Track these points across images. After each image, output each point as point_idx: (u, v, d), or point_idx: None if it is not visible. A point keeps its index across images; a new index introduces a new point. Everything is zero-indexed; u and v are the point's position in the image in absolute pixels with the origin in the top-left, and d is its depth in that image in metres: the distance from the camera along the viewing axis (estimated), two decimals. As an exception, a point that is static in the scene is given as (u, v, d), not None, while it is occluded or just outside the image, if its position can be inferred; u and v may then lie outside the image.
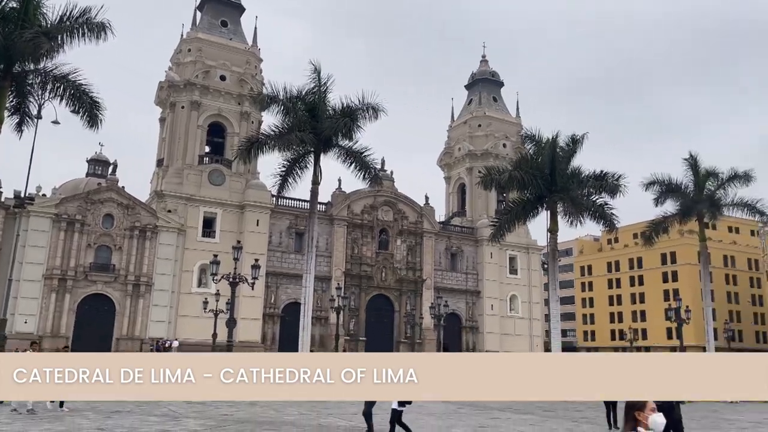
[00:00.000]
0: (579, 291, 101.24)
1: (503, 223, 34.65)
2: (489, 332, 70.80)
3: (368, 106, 28.20)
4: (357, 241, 66.20)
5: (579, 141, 32.31)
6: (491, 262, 72.43)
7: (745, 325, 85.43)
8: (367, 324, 64.68)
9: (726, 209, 39.12)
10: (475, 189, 72.40)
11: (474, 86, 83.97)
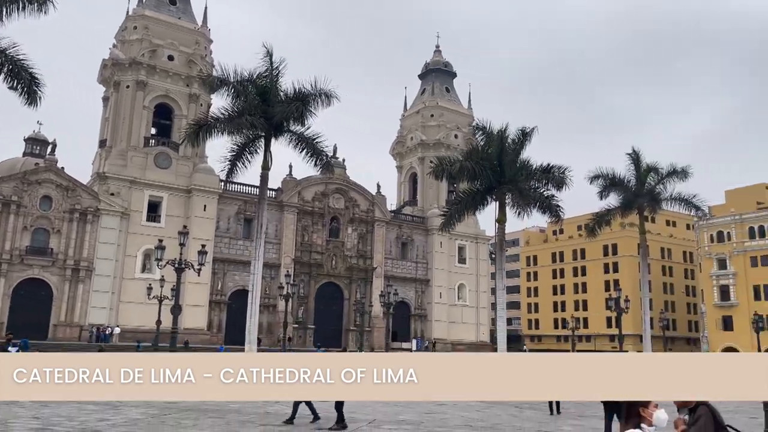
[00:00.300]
0: (524, 280, 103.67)
1: (453, 213, 34.94)
2: (437, 320, 71.77)
3: (321, 92, 27.80)
4: (307, 229, 65.74)
5: (528, 134, 32.79)
6: (441, 252, 73.30)
7: (679, 314, 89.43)
8: (316, 312, 64.49)
9: (665, 203, 40.59)
10: (426, 179, 72.98)
11: (427, 76, 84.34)
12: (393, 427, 14.97)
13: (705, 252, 75.64)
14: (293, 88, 27.73)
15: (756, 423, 15.97)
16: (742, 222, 72.59)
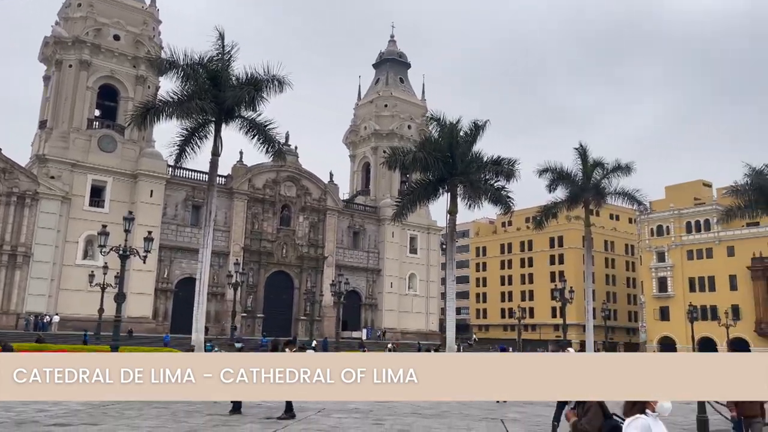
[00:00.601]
0: (474, 271, 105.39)
1: (406, 204, 35.15)
2: (388, 309, 72.21)
3: (274, 78, 27.35)
4: (257, 217, 64.87)
5: (481, 127, 33.22)
6: (393, 242, 73.65)
7: (620, 305, 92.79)
8: (266, 301, 63.86)
9: (609, 197, 41.92)
10: (379, 168, 73.03)
11: (382, 66, 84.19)
12: (343, 416, 15.01)
13: (645, 245, 78.58)
14: (245, 73, 27.22)
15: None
16: (680, 217, 75.71)
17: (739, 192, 41.14)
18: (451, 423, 14.65)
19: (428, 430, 13.61)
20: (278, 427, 13.25)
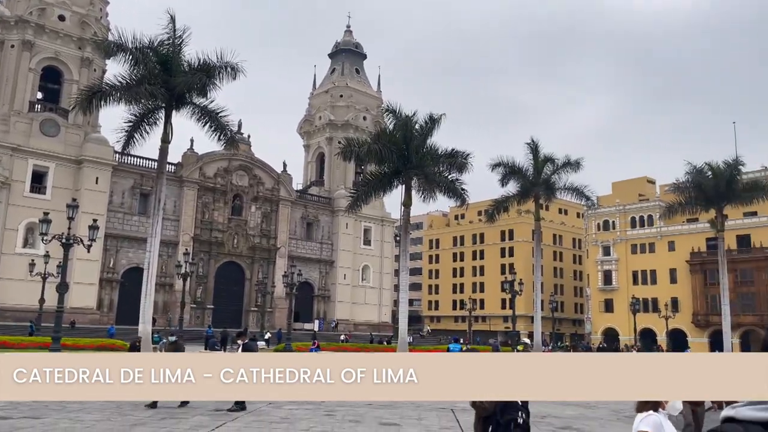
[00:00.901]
0: (427, 263, 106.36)
1: (360, 195, 35.09)
2: (340, 301, 72.13)
3: (227, 65, 26.76)
4: (208, 206, 63.64)
5: (436, 120, 33.37)
6: (346, 233, 73.51)
7: (567, 297, 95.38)
8: (216, 292, 62.83)
9: (559, 192, 42.92)
10: (334, 159, 72.61)
11: (337, 56, 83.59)
12: (294, 407, 14.90)
13: (592, 239, 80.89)
14: (197, 59, 26.53)
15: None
16: (625, 212, 78.20)
17: (680, 189, 42.80)
18: (403, 413, 14.76)
19: (380, 419, 13.67)
20: (228, 419, 13.06)
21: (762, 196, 40.51)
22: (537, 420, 14.31)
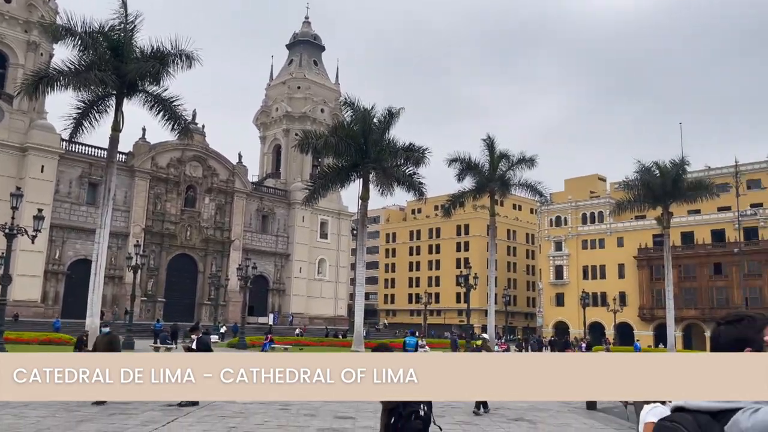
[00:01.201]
0: (383, 257, 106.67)
1: (317, 188, 34.89)
2: (296, 295, 71.63)
3: (182, 53, 26.11)
4: (160, 197, 62.13)
5: (395, 114, 33.41)
6: (303, 226, 72.97)
7: (519, 291, 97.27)
8: (168, 284, 61.47)
9: (513, 188, 43.66)
10: (291, 151, 71.87)
11: (295, 47, 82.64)
12: (248, 401, 14.72)
13: (545, 235, 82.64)
14: (151, 45, 25.81)
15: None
16: (577, 208, 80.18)
17: (629, 187, 44.19)
18: (359, 407, 14.77)
19: (335, 413, 13.64)
20: (180, 414, 12.80)
21: (705, 194, 42.17)
22: (491, 412, 14.55)
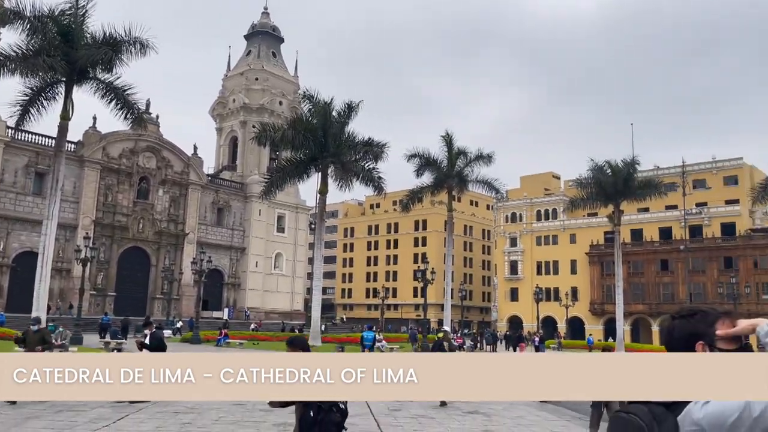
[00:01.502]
0: (341, 251, 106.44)
1: (275, 181, 34.56)
2: (251, 289, 70.80)
3: (136, 40, 25.41)
4: (112, 188, 60.37)
5: (354, 108, 33.37)
6: (259, 220, 72.11)
7: (476, 286, 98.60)
8: (119, 278, 59.86)
9: (471, 185, 44.22)
10: (248, 144, 70.76)
11: (253, 38, 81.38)
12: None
13: (500, 230, 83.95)
14: (103, 31, 25.01)
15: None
16: (532, 205, 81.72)
17: (582, 185, 45.35)
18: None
19: (291, 408, 13.53)
20: (131, 411, 12.49)
21: (654, 193, 43.65)
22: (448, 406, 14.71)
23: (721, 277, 60.77)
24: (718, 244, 64.76)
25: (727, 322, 1.90)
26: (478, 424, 12.72)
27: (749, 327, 1.85)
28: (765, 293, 61.37)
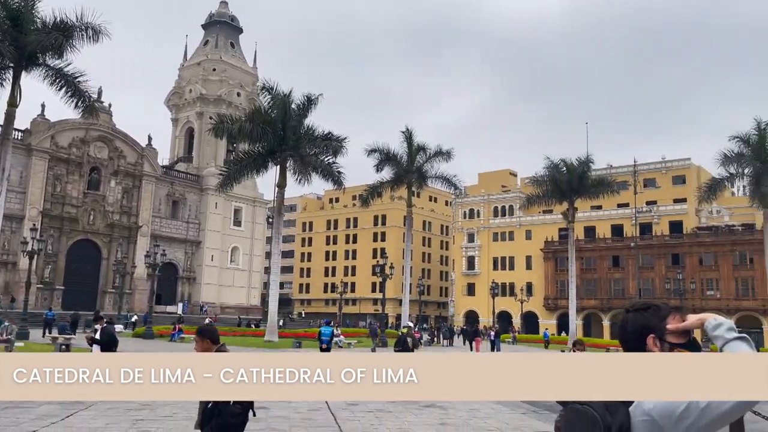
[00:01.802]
0: (299, 246, 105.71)
1: (232, 174, 34.03)
2: (207, 283, 69.66)
3: (88, 26, 24.61)
4: (61, 178, 58.37)
5: (314, 101, 33.10)
6: (215, 213, 70.95)
7: (433, 281, 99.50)
8: (68, 271, 58.00)
9: (430, 181, 44.54)
10: (204, 135, 69.53)
11: (211, 27, 79.79)
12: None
13: (458, 226, 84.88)
14: (54, 16, 24.12)
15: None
16: (489, 202, 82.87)
17: (538, 182, 46.22)
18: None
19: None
20: (80, 408, 12.14)
21: (607, 191, 44.84)
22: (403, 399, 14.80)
23: (669, 273, 62.97)
24: (667, 242, 67.03)
25: (678, 317, 1.98)
26: (435, 417, 12.85)
27: (697, 322, 1.93)
28: (709, 289, 63.90)
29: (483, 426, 12.05)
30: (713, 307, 58.94)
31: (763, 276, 49.56)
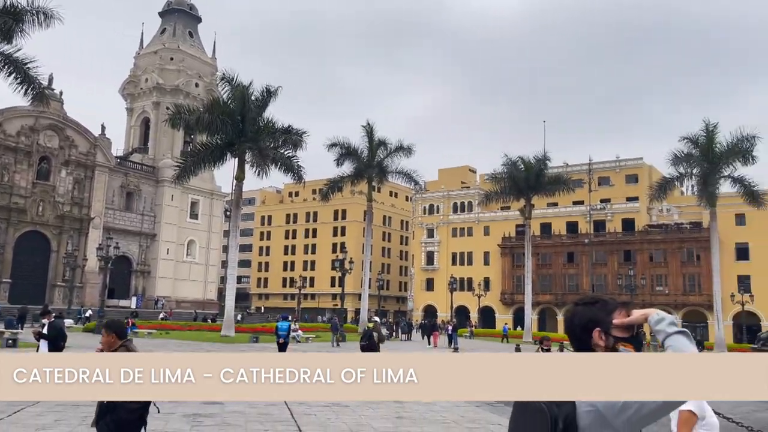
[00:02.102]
0: (257, 240, 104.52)
1: (189, 166, 33.38)
2: (162, 277, 68.27)
3: (38, 10, 23.73)
4: (8, 168, 56.24)
5: (273, 93, 32.72)
6: (171, 205, 69.52)
7: (393, 276, 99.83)
8: (15, 264, 55.98)
9: (391, 176, 44.66)
10: (161, 126, 67.96)
11: (169, 15, 77.95)
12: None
13: (418, 222, 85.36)
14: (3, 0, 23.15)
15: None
16: (449, 198, 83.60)
17: (497, 179, 46.87)
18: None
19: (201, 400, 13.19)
20: (27, 404, 11.72)
21: (562, 188, 45.79)
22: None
23: (621, 270, 64.77)
24: (619, 239, 68.93)
25: (623, 312, 2.04)
26: (392, 411, 12.90)
27: (641, 317, 1.99)
28: (659, 285, 66.03)
29: (439, 419, 12.17)
30: (662, 303, 60.96)
31: (709, 272, 51.49)
